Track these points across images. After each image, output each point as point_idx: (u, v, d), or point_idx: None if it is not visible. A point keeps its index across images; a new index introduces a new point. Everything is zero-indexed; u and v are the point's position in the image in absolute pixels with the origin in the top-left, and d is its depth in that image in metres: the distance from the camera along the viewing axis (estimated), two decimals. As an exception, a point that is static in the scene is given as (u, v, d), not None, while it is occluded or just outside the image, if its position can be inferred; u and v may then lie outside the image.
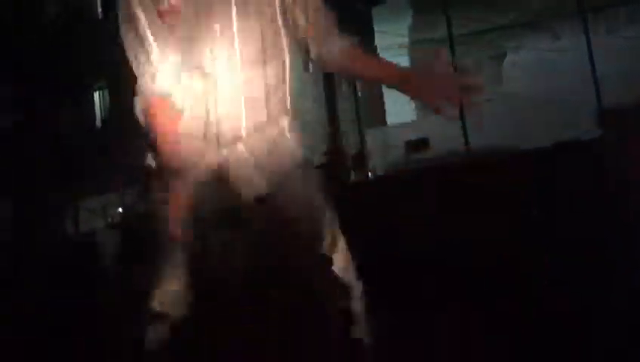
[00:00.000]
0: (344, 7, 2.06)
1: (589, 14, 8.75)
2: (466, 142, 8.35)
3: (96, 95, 15.74)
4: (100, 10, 15.50)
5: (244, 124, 1.53)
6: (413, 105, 10.81)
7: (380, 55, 10.74)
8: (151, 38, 1.50)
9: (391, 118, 10.70)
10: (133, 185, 12.63)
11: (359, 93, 11.16)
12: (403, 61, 10.47)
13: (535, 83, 9.17)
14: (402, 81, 1.58)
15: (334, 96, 11.34)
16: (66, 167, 13.68)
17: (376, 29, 10.76)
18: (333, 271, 1.54)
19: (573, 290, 2.87)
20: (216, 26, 1.53)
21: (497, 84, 10.03)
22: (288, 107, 1.62)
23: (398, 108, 10.58)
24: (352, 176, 9.16)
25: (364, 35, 11.47)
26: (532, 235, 4.92)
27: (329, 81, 11.01)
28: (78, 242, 10.25)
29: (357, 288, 1.57)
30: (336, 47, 1.63)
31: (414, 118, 10.45)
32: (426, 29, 10.15)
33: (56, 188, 13.17)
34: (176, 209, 1.48)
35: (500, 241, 4.67)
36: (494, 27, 9.44)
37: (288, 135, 1.61)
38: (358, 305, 1.55)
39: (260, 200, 1.51)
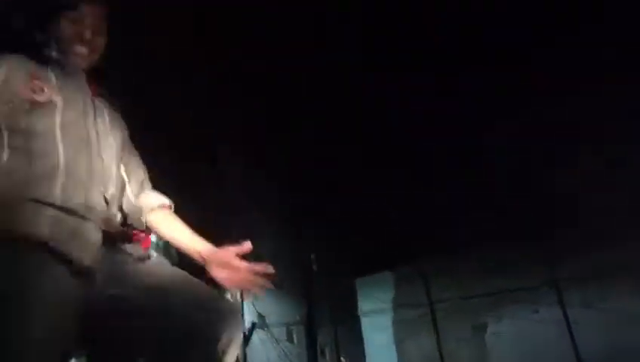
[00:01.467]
0: (330, 281, 2.34)
1: (565, 286, 9.10)
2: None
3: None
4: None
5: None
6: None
7: (363, 318, 10.96)
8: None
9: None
10: None
11: (342, 360, 11.00)
12: (384, 321, 10.61)
13: (518, 354, 9.17)
14: (205, 261, 1.71)
15: (316, 362, 11.15)
16: None
17: (359, 293, 11.14)
18: None
19: None
20: (100, 128, 1.70)
21: (481, 355, 9.95)
22: None
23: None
24: None
25: (348, 300, 11.79)
26: None
27: (311, 351, 10.89)
28: None
29: None
30: (149, 204, 1.79)
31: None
32: (406, 296, 10.43)
33: None
34: None
35: None
36: (474, 296, 9.67)
37: None
38: None
39: None
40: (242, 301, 10.73)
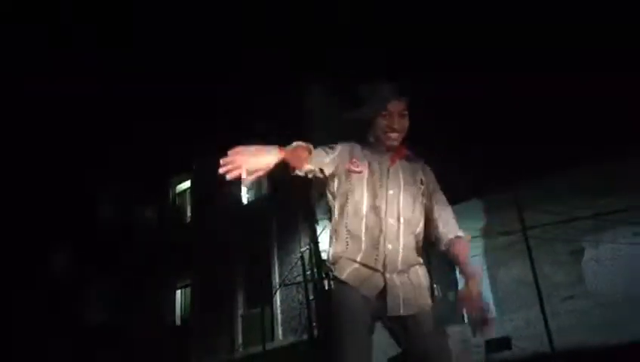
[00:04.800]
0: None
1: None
2: (550, 341, 7.92)
3: (178, 293, 16.27)
4: (189, 215, 16.71)
5: (400, 262, 2.37)
6: (491, 301, 10.56)
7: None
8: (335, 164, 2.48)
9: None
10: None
11: (436, 293, 11.04)
12: (476, 248, 10.47)
13: (617, 278, 8.87)
14: (467, 284, 2.30)
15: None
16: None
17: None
18: None
19: None
20: (390, 192, 2.45)
21: (578, 281, 9.69)
22: (419, 263, 2.47)
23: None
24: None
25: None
26: None
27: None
28: None
29: None
30: (451, 236, 2.48)
31: (494, 315, 10.07)
32: (499, 224, 10.23)
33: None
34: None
35: None
36: (570, 220, 9.30)
37: (422, 276, 2.45)
38: None
39: (407, 317, 2.32)
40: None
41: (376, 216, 2.40)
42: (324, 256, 12.04)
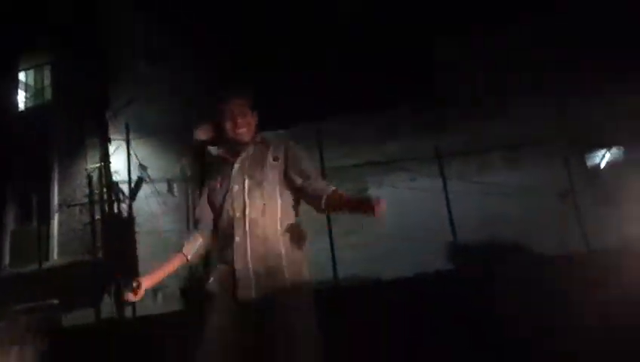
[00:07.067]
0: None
1: (443, 160, 9.64)
2: (335, 270, 8.48)
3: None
4: None
5: (250, 252, 2.49)
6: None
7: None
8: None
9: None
10: None
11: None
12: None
13: (393, 218, 9.74)
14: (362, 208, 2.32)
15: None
16: None
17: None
18: None
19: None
20: (235, 187, 2.62)
21: (359, 217, 10.49)
22: (281, 249, 2.52)
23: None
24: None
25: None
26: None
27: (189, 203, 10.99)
28: None
29: None
30: (325, 193, 2.50)
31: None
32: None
33: None
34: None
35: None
36: (358, 163, 10.05)
37: (285, 261, 2.51)
38: None
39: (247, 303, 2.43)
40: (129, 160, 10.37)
41: (227, 215, 2.59)
42: (115, 177, 11.45)
